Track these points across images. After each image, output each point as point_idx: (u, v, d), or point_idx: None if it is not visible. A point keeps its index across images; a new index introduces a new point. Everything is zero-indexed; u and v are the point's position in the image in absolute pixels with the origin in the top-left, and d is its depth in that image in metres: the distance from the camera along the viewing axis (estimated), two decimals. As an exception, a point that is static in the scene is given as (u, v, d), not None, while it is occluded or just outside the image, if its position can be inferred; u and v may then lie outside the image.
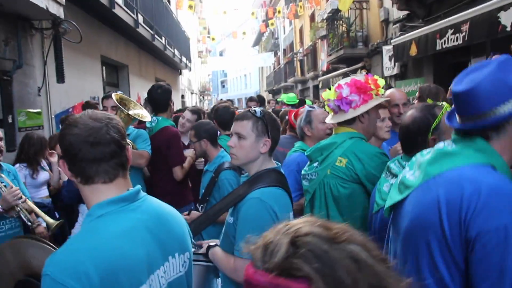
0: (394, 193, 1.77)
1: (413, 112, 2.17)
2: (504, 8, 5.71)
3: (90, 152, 1.42)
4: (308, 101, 10.82)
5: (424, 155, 1.73)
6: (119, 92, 3.98)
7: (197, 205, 3.68)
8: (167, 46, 13.78)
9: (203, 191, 3.65)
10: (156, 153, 4.28)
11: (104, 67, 9.57)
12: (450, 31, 7.15)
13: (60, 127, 6.56)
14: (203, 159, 4.35)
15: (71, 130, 1.44)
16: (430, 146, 2.02)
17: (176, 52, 16.08)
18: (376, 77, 2.75)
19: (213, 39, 27.53)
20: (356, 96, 2.61)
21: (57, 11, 5.60)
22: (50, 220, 3.54)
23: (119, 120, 1.54)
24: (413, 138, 2.13)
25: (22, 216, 3.45)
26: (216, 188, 3.51)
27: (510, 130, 1.52)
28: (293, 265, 0.78)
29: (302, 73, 23.44)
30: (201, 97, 38.72)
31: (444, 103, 2.21)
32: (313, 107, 3.64)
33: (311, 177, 2.76)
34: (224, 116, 4.52)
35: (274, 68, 34.30)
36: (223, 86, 65.21)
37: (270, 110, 3.07)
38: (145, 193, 1.59)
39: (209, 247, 2.36)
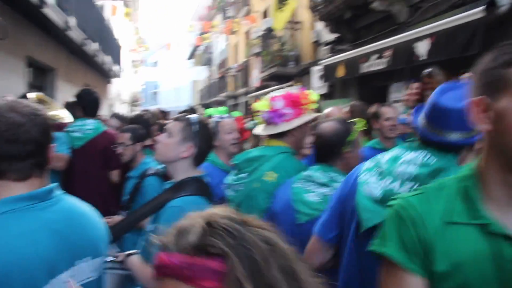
0: (379, 207, 1.70)
1: (334, 124, 2.33)
2: (420, 39, 6.23)
3: (4, 149, 1.36)
4: (238, 113, 10.93)
5: (396, 163, 1.76)
6: (39, 93, 3.87)
7: (120, 211, 3.63)
8: (98, 52, 13.44)
9: (126, 197, 3.62)
10: (98, 155, 4.31)
11: (30, 69, 9.16)
12: (374, 56, 7.63)
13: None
14: None
15: None
16: (345, 158, 2.28)
17: (108, 59, 15.70)
18: (309, 91, 2.75)
19: (146, 48, 27.10)
20: (290, 109, 2.59)
21: (-20, 5, 5.36)
22: None
23: (47, 116, 1.46)
24: (332, 148, 2.29)
25: None
26: (140, 194, 3.48)
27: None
28: (208, 242, 0.77)
29: (234, 88, 23.72)
30: (132, 107, 37.89)
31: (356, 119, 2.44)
32: (223, 117, 3.55)
33: (238, 187, 2.69)
34: (144, 123, 4.58)
35: (207, 82, 34.41)
36: (155, 98, 64.23)
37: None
38: (62, 193, 1.52)
39: (127, 254, 2.31)
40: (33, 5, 7.30)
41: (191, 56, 41.16)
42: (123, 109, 27.74)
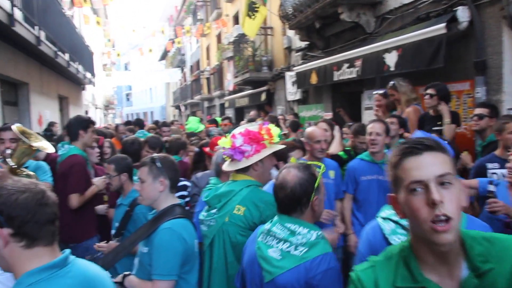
0: None
1: (296, 173, 2.22)
2: (388, 50, 6.44)
3: (40, 212, 1.51)
4: (218, 119, 11.01)
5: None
6: (18, 125, 3.89)
7: (112, 238, 3.73)
8: (70, 62, 13.33)
9: (116, 224, 3.74)
10: (59, 180, 4.32)
11: (1, 85, 9.08)
12: (345, 65, 7.84)
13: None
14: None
15: None
16: (312, 206, 2.22)
17: (80, 68, 15.57)
18: (270, 126, 2.92)
19: (118, 55, 26.76)
20: (249, 146, 2.78)
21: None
22: None
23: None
24: (300, 199, 2.19)
25: None
26: (132, 222, 3.61)
27: None
28: None
29: (209, 91, 23.73)
30: (106, 111, 37.45)
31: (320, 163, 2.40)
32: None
33: (210, 223, 2.82)
34: (131, 148, 4.70)
35: (180, 84, 34.22)
36: (128, 99, 63.49)
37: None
38: (73, 257, 1.64)
39: (124, 275, 2.65)
40: (2, 23, 7.26)
41: (163, 58, 40.89)
42: (98, 115, 27.45)
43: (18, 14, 7.80)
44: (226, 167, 2.95)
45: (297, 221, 2.19)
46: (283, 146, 3.15)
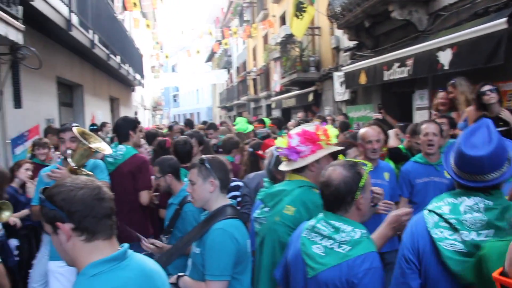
0: (468, 259, 1.84)
1: (341, 171, 2.19)
2: (442, 48, 6.21)
3: (97, 207, 1.55)
4: (266, 120, 10.99)
5: (458, 212, 1.92)
6: (77, 125, 4.00)
7: (161, 236, 3.80)
8: (121, 64, 13.73)
9: (167, 223, 3.80)
10: (126, 179, 4.43)
11: (58, 87, 9.46)
12: (396, 65, 7.64)
13: (17, 151, 6.46)
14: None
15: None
16: (357, 204, 2.18)
17: (130, 70, 16.01)
18: (328, 126, 2.86)
19: (166, 56, 27.41)
20: (305, 146, 2.71)
21: (16, 37, 5.55)
22: None
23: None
24: (344, 197, 2.17)
25: None
26: (180, 220, 3.64)
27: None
28: None
29: (255, 91, 23.80)
30: (154, 112, 38.34)
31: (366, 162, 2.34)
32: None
33: (262, 221, 2.83)
34: (183, 148, 4.75)
35: (227, 85, 34.52)
36: (175, 101, 64.67)
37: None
38: (131, 251, 1.67)
39: (178, 276, 2.68)
40: (61, 28, 7.56)
41: (210, 59, 41.39)
42: (146, 116, 28.15)
43: (74, 19, 8.11)
44: (282, 167, 2.91)
45: (342, 219, 2.19)
46: (340, 148, 3.06)
